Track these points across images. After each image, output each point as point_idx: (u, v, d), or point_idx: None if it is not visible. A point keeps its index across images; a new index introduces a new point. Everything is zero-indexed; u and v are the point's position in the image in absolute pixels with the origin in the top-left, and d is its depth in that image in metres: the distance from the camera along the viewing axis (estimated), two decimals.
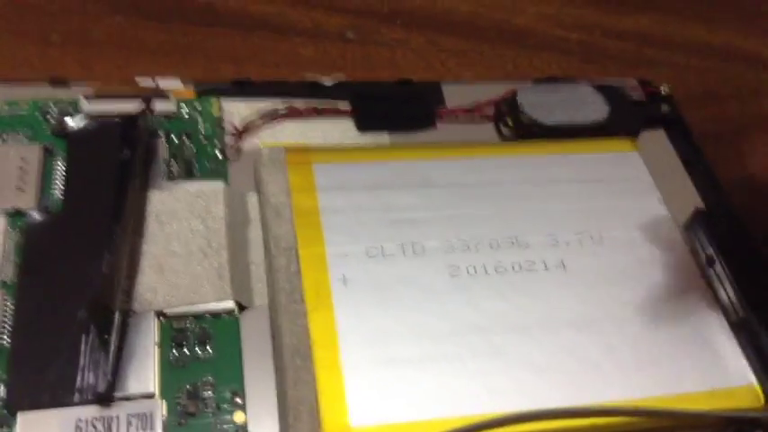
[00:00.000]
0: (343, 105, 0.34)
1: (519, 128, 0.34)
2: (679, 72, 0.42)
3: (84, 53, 0.36)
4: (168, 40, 0.37)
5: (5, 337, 0.24)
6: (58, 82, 0.32)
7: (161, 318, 0.26)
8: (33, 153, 0.28)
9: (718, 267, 0.31)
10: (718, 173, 0.35)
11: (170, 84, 0.32)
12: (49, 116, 0.30)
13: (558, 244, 0.30)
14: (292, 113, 0.33)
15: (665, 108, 0.37)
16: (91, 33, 0.37)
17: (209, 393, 0.24)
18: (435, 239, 0.29)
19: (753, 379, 0.27)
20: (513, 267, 0.29)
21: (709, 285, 0.30)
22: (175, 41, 0.37)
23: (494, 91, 0.35)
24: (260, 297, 0.28)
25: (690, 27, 0.45)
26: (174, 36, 0.38)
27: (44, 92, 0.31)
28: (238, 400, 0.25)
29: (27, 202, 0.27)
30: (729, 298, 0.30)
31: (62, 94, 0.31)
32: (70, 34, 0.36)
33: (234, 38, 0.38)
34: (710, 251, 0.31)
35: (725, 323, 0.29)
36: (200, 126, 0.31)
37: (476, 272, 0.29)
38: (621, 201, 0.32)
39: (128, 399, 0.24)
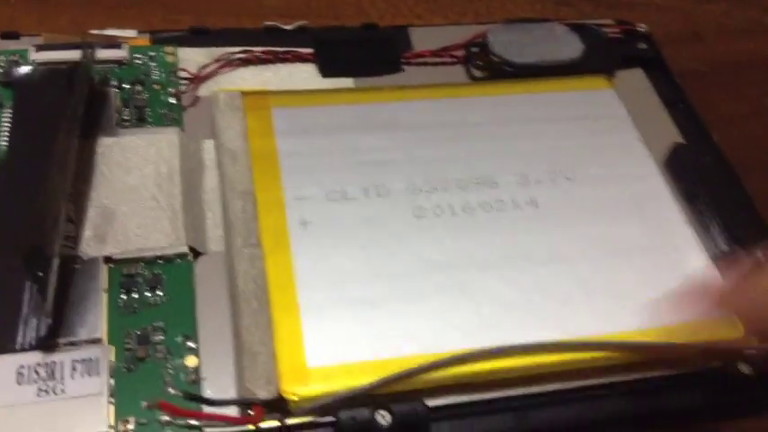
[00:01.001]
0: (306, 51, 0.32)
1: (490, 69, 0.33)
2: (659, 13, 0.41)
3: (43, 10, 0.35)
4: None
5: None
6: (9, 35, 0.31)
7: (110, 264, 0.25)
8: None
9: (700, 202, 0.30)
10: (701, 112, 0.33)
11: (124, 33, 0.31)
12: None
13: (528, 183, 0.29)
14: (251, 59, 0.31)
15: (642, 46, 0.35)
16: None
17: (159, 338, 0.23)
18: (400, 181, 0.28)
19: None
20: (481, 207, 0.28)
21: (690, 221, 0.29)
22: None
23: (464, 34, 0.34)
24: (216, 244, 0.26)
25: None
26: None
27: None
28: (191, 344, 0.24)
29: None
30: (711, 232, 0.29)
31: (12, 46, 0.30)
32: None
33: None
34: (691, 186, 0.30)
35: (706, 257, 0.27)
36: (154, 73, 0.30)
37: (442, 212, 0.27)
38: (597, 139, 0.31)
39: (73, 344, 0.23)
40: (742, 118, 0.37)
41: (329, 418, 0.23)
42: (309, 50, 0.32)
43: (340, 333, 0.24)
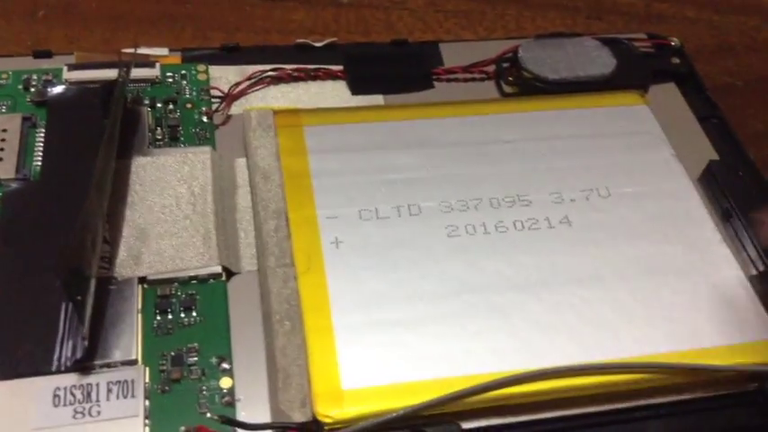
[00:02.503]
0: (336, 68, 0.32)
1: (521, 85, 0.33)
2: (691, 26, 0.40)
3: (71, 27, 0.35)
4: (156, 9, 0.37)
5: None
6: (42, 54, 0.31)
7: (144, 284, 0.25)
8: (13, 123, 0.28)
9: (735, 220, 0.29)
10: (734, 126, 0.33)
11: (156, 51, 0.31)
12: (32, 88, 0.29)
13: (562, 201, 0.28)
14: (282, 77, 0.31)
15: (675, 60, 0.35)
16: (77, 7, 0.36)
17: (194, 359, 0.23)
18: (432, 200, 0.28)
19: None
20: (514, 226, 0.27)
21: (726, 239, 0.28)
22: (163, 11, 0.37)
23: (494, 49, 0.34)
24: (249, 263, 0.26)
25: None
26: (161, 6, 0.37)
27: (28, 64, 0.30)
28: (225, 365, 0.23)
29: (6, 172, 0.26)
30: (747, 251, 0.28)
31: (46, 65, 0.30)
32: (56, 8, 0.36)
33: (223, 5, 0.37)
34: (727, 204, 0.30)
35: (743, 277, 0.27)
36: (186, 92, 0.30)
37: (475, 231, 0.27)
38: (631, 156, 0.30)
39: (108, 366, 0.23)
40: None
41: None
42: (339, 67, 0.32)
43: (374, 355, 0.24)
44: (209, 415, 0.22)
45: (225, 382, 0.23)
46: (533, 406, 0.24)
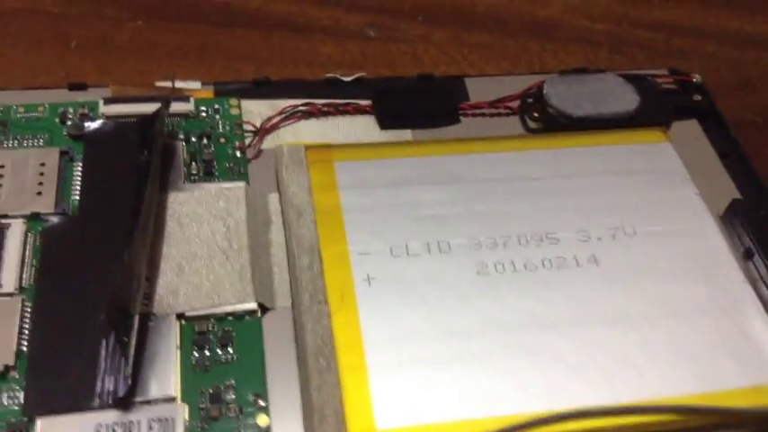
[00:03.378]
0: (365, 103, 0.33)
1: (546, 121, 0.33)
2: (711, 61, 0.41)
3: (103, 58, 0.36)
4: (187, 41, 0.37)
5: (25, 341, 0.24)
6: (77, 86, 0.31)
7: (182, 320, 0.25)
8: (51, 157, 0.28)
9: (757, 259, 0.30)
10: (755, 163, 0.33)
11: (189, 85, 0.32)
12: (68, 121, 0.30)
13: (589, 239, 0.29)
14: (313, 111, 0.32)
15: (697, 97, 0.36)
16: (109, 38, 0.37)
17: (231, 396, 0.24)
18: (462, 237, 0.28)
19: None
20: (543, 264, 0.28)
21: (749, 278, 0.29)
22: (194, 43, 0.37)
23: (519, 84, 0.34)
24: (283, 299, 0.27)
25: (720, 15, 0.43)
26: (192, 37, 0.37)
27: (63, 96, 0.31)
28: (261, 402, 0.24)
29: (46, 206, 0.27)
30: None
31: (81, 97, 0.31)
32: (89, 40, 0.36)
33: (253, 38, 0.38)
34: (748, 243, 0.30)
35: (766, 317, 0.27)
36: (219, 126, 0.30)
37: (504, 269, 0.28)
38: (655, 193, 0.31)
39: (148, 403, 0.23)
40: None
41: None
42: (368, 102, 0.33)
43: (407, 394, 0.24)
44: None
45: (262, 420, 0.24)
46: None
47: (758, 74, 0.40)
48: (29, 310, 0.24)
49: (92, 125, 0.29)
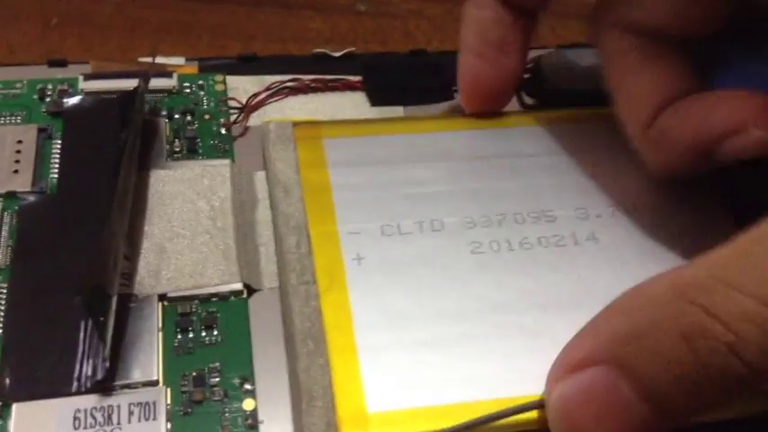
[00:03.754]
0: (355, 79, 0.32)
1: (542, 96, 0.33)
2: None
3: (85, 35, 0.35)
4: (171, 17, 0.36)
5: None
6: (57, 63, 0.30)
7: (164, 301, 0.24)
8: (29, 134, 0.27)
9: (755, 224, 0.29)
10: None
11: (172, 61, 0.31)
12: (48, 98, 0.29)
13: (588, 217, 0.28)
14: (300, 88, 0.31)
15: None
16: (91, 15, 0.35)
17: (216, 380, 0.23)
18: (455, 215, 0.27)
19: None
20: (539, 242, 0.27)
21: None
22: (178, 19, 0.36)
23: None
24: (270, 280, 0.26)
25: None
26: (177, 13, 0.36)
27: (43, 72, 0.30)
28: (248, 386, 0.23)
29: (22, 185, 0.26)
30: None
31: (60, 74, 0.30)
32: (70, 16, 0.35)
33: (239, 13, 0.37)
34: (748, 210, 0.29)
35: None
36: (204, 103, 0.29)
37: (499, 248, 0.27)
38: None
39: (129, 387, 0.22)
40: None
41: None
42: (358, 78, 0.32)
43: (399, 377, 0.23)
44: None
45: (248, 404, 0.23)
46: None
47: None
48: (4, 291, 0.23)
49: (71, 101, 0.28)
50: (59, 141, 0.27)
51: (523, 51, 0.28)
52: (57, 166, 0.27)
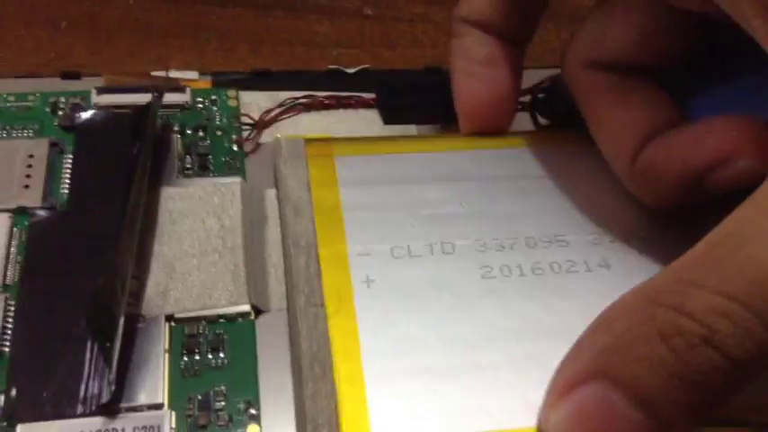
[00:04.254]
0: (368, 96, 0.32)
1: (557, 116, 0.32)
2: None
3: (94, 38, 0.35)
4: (180, 21, 0.36)
5: (7, 342, 0.23)
6: (70, 75, 0.30)
7: (172, 322, 0.24)
8: (40, 148, 0.27)
9: None
10: None
11: (185, 75, 0.31)
12: (60, 111, 0.29)
13: (601, 242, 0.27)
14: (313, 104, 0.31)
15: None
16: (100, 18, 0.35)
17: (221, 404, 0.23)
18: (466, 238, 0.27)
19: None
20: (551, 268, 0.27)
21: None
22: (187, 23, 0.36)
23: (530, 78, 0.33)
24: (277, 300, 0.26)
25: None
26: (185, 17, 0.36)
27: (55, 85, 0.30)
28: (253, 411, 0.23)
29: (33, 200, 0.26)
30: None
31: (73, 87, 0.30)
32: (79, 20, 0.35)
33: (247, 17, 0.36)
34: None
35: None
36: (216, 118, 0.29)
37: (510, 273, 0.26)
38: None
39: (134, 409, 0.22)
40: None
41: None
42: (371, 95, 0.32)
43: (407, 405, 0.23)
44: None
45: (253, 429, 0.23)
46: None
47: None
48: (12, 309, 0.23)
49: (83, 116, 0.28)
50: (71, 156, 0.27)
51: (514, 70, 0.28)
52: (68, 181, 0.27)
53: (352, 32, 0.37)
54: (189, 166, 0.28)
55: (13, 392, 0.22)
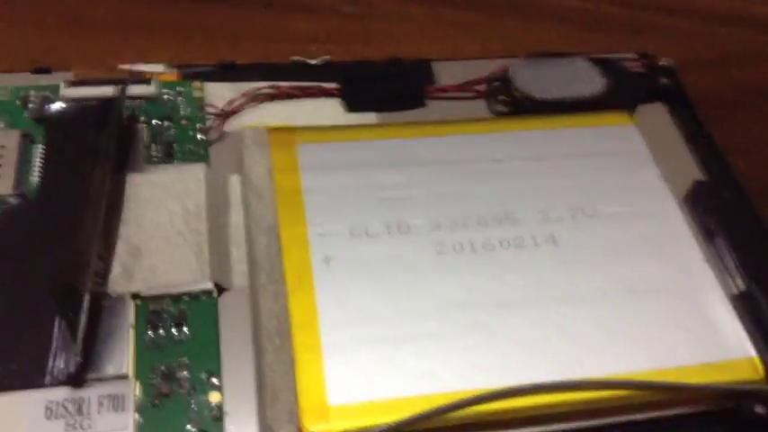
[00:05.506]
0: (331, 86, 0.33)
1: (512, 104, 0.34)
2: (684, 38, 0.41)
3: (80, 35, 0.36)
4: (162, 18, 0.37)
5: None
6: (41, 70, 0.31)
7: (137, 300, 0.25)
8: (12, 139, 0.28)
9: (718, 240, 0.30)
10: (723, 140, 0.33)
11: (152, 68, 0.32)
12: (31, 104, 0.30)
13: (549, 220, 0.29)
14: (277, 94, 0.32)
15: (664, 80, 0.36)
16: (86, 15, 0.37)
17: (184, 374, 0.24)
18: (422, 217, 0.28)
19: (752, 352, 0.26)
20: (501, 244, 0.28)
21: (710, 259, 0.29)
22: (170, 20, 0.37)
23: (486, 68, 0.34)
24: (240, 280, 0.27)
25: None
26: (168, 14, 0.37)
27: (27, 79, 0.31)
28: (214, 380, 0.24)
29: (4, 188, 0.27)
30: (729, 271, 0.29)
31: (44, 81, 0.31)
32: (65, 16, 0.36)
33: (228, 14, 0.38)
34: (710, 224, 0.30)
35: (724, 296, 0.27)
36: (181, 109, 0.31)
37: (462, 249, 0.28)
38: (618, 176, 0.31)
39: (100, 380, 0.23)
40: (766, 143, 0.37)
41: None
42: (334, 85, 0.33)
43: (361, 371, 0.24)
44: (196, 428, 0.23)
45: (214, 397, 0.24)
46: (515, 422, 0.24)
47: (731, 50, 0.40)
48: None
49: (52, 108, 0.29)
50: (41, 146, 0.28)
51: None
52: (38, 170, 0.28)
53: (329, 29, 0.38)
54: (155, 154, 0.29)
55: None
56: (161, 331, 0.25)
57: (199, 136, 0.30)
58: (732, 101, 0.38)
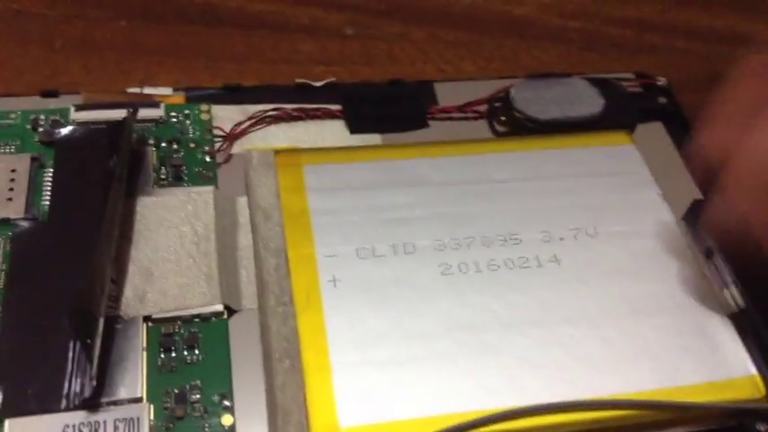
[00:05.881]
0: (335, 108, 0.34)
1: (512, 125, 0.34)
2: (681, 57, 0.41)
3: (88, 58, 0.36)
4: (169, 41, 0.37)
5: None
6: (49, 93, 0.32)
7: (149, 322, 0.26)
8: (22, 163, 0.29)
9: (716, 259, 0.30)
10: None
11: (160, 91, 0.32)
12: (40, 128, 0.30)
13: (551, 240, 0.29)
14: (282, 116, 0.33)
15: (662, 100, 0.36)
16: (93, 38, 0.37)
17: (197, 397, 0.24)
18: (427, 238, 0.29)
19: (753, 370, 0.26)
20: (505, 264, 0.29)
21: (708, 277, 0.29)
22: (176, 42, 0.38)
23: (487, 88, 0.35)
24: (249, 301, 0.27)
25: (690, 12, 0.44)
26: (175, 37, 0.38)
27: (36, 103, 0.31)
28: (227, 402, 0.24)
29: (16, 212, 0.27)
30: (729, 289, 0.29)
31: (53, 104, 0.31)
32: (73, 40, 0.37)
33: (233, 37, 0.38)
34: (709, 242, 0.31)
35: (724, 315, 0.28)
36: (189, 131, 0.31)
37: (468, 269, 0.28)
38: (618, 195, 0.31)
39: (115, 404, 0.24)
40: None
41: None
42: (338, 107, 0.34)
43: (371, 393, 0.24)
44: None
45: (226, 420, 0.24)
46: None
47: (727, 68, 0.41)
48: None
49: (62, 131, 0.30)
50: (51, 170, 0.29)
51: None
52: (48, 193, 0.28)
53: (333, 51, 0.39)
54: (164, 176, 0.30)
55: (1, 390, 0.23)
56: (173, 354, 0.25)
57: (207, 158, 0.30)
58: None
